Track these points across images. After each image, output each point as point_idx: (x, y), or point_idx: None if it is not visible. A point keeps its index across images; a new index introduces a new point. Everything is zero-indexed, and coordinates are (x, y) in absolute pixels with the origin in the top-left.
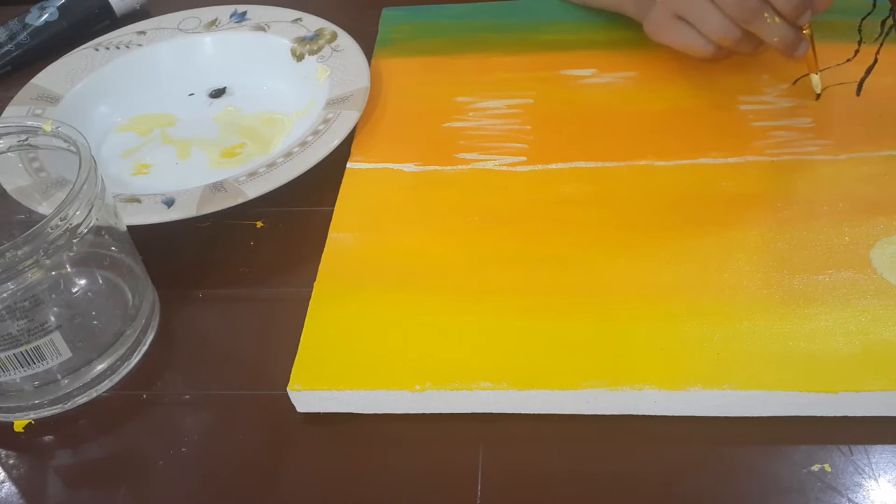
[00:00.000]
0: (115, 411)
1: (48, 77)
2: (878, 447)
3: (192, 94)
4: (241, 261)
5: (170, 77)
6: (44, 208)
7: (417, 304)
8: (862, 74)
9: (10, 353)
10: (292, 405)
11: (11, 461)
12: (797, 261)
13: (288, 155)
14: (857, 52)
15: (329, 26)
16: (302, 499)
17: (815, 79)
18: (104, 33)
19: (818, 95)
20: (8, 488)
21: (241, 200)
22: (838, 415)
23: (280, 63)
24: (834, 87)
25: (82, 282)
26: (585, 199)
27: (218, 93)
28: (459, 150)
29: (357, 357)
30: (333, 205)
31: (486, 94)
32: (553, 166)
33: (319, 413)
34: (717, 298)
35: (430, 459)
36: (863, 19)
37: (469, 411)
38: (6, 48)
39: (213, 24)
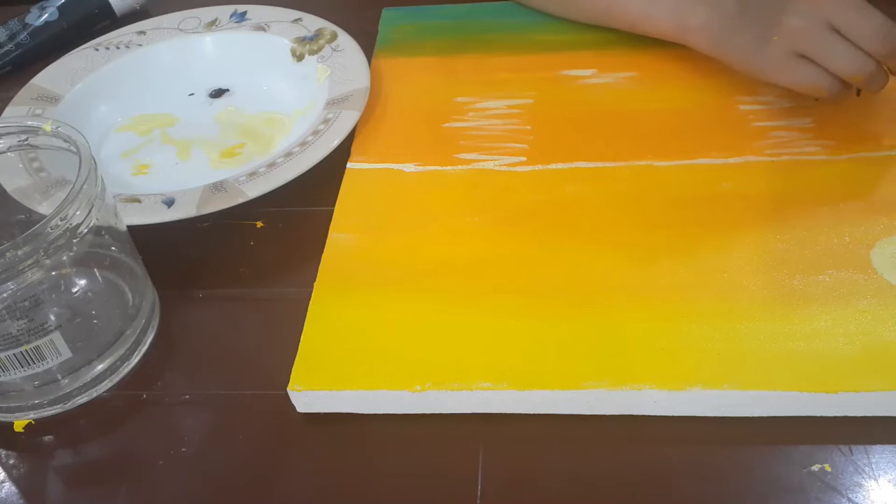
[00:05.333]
0: (116, 411)
1: (48, 77)
2: (878, 447)
3: (192, 94)
4: (241, 261)
5: (170, 77)
6: (44, 208)
7: (417, 304)
8: None
9: (10, 353)
10: (292, 405)
11: (11, 461)
12: (797, 261)
13: (288, 155)
14: None
15: (329, 26)
16: (302, 499)
17: None
18: (104, 33)
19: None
20: (8, 488)
21: (241, 200)
22: (838, 415)
23: (280, 63)
24: None
25: (82, 282)
26: (585, 199)
27: (218, 93)
28: (459, 151)
29: (357, 357)
30: (333, 205)
31: (486, 94)
32: (553, 166)
33: (319, 413)
34: (717, 298)
35: (430, 459)
36: None
37: (469, 411)
38: (6, 48)
39: (213, 24)
